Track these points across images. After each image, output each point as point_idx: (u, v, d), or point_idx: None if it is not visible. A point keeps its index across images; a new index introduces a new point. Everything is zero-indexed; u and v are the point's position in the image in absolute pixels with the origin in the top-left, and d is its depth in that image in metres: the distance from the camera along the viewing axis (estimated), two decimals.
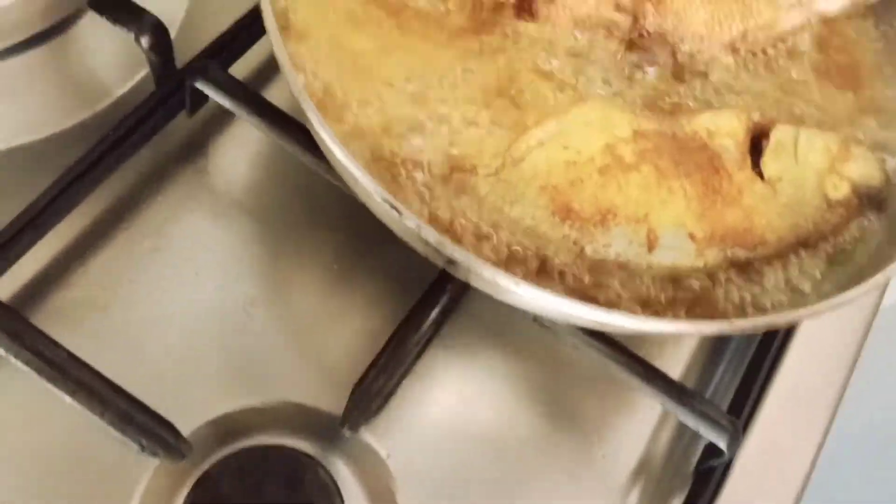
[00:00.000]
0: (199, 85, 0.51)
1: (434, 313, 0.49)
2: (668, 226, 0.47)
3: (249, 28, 0.56)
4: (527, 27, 0.53)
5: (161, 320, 0.50)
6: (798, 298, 0.48)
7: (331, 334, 0.52)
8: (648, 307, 0.44)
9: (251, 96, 0.51)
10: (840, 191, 0.51)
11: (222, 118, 0.57)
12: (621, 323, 0.40)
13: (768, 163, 0.51)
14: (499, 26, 0.52)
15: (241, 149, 0.58)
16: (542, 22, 0.54)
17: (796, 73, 0.58)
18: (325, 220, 0.56)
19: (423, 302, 0.49)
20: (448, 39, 0.50)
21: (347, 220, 0.55)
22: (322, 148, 0.44)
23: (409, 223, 0.39)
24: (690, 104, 0.55)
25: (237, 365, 0.50)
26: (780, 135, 0.52)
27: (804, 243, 0.50)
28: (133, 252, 0.52)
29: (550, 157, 0.48)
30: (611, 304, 0.44)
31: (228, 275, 0.52)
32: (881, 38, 0.61)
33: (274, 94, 0.56)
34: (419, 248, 0.44)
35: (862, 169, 0.52)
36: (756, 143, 0.53)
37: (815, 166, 0.51)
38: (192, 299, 0.51)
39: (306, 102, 0.40)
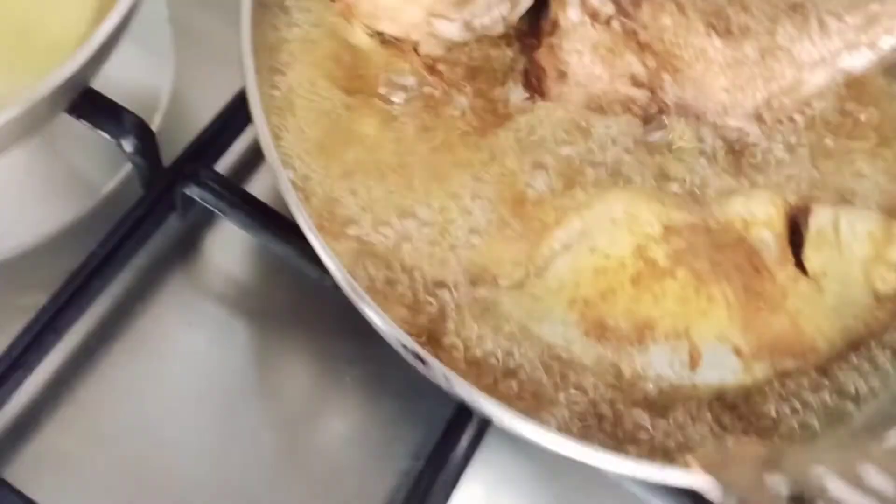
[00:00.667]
0: (191, 192, 0.46)
1: (462, 446, 0.44)
2: (711, 340, 0.43)
3: (234, 118, 0.51)
4: (536, 114, 0.49)
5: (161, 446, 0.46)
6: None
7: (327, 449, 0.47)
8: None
9: (246, 202, 0.47)
10: (889, 283, 0.47)
11: (214, 213, 0.52)
12: (677, 480, 0.35)
13: (810, 256, 0.46)
14: (506, 120, 0.48)
15: (235, 245, 0.53)
16: (553, 101, 0.50)
17: (828, 141, 0.54)
18: (328, 321, 0.52)
19: (449, 433, 0.45)
20: (454, 143, 0.46)
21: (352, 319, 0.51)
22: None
23: (435, 374, 0.35)
24: (721, 184, 0.51)
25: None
26: (819, 220, 0.48)
27: (855, 347, 0.46)
28: (123, 375, 0.49)
29: (577, 265, 0.44)
30: (661, 449, 0.39)
31: (228, 396, 0.47)
32: None
33: (262, 183, 0.52)
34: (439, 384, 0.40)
35: None
36: (795, 230, 0.48)
37: (859, 256, 0.47)
38: (191, 426, 0.47)
39: (311, 231, 0.36)
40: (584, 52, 0.49)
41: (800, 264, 0.47)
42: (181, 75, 0.58)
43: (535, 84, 0.49)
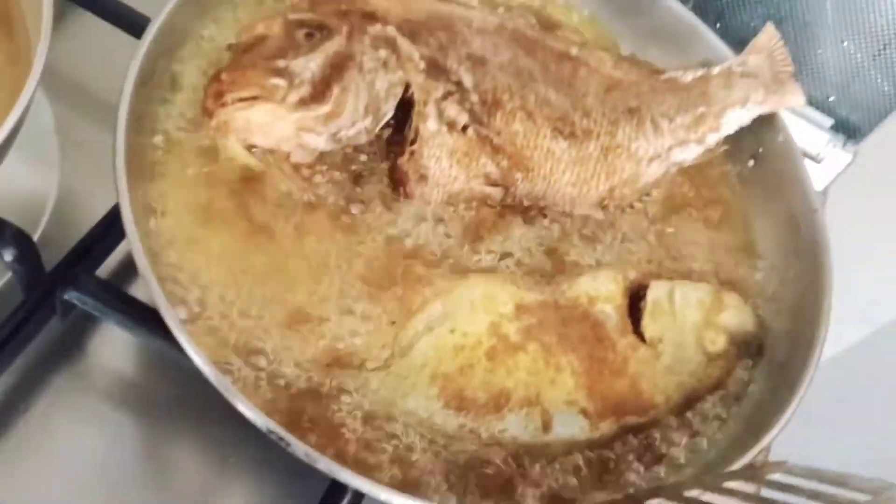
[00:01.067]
0: (70, 296, 0.49)
1: None
2: (560, 404, 0.48)
3: (115, 223, 0.54)
4: (400, 208, 0.54)
5: None
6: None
7: None
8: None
9: (125, 303, 0.49)
10: (718, 344, 0.53)
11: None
12: None
13: (648, 324, 0.52)
14: (374, 218, 0.52)
15: (119, 341, 0.55)
16: (415, 200, 0.55)
17: (663, 224, 0.61)
18: (211, 408, 0.54)
19: None
20: (324, 240, 0.50)
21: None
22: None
23: (298, 453, 0.38)
24: (569, 264, 0.56)
25: None
26: (655, 293, 0.54)
27: (692, 401, 0.51)
28: (10, 474, 0.49)
29: (439, 343, 0.48)
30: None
31: (117, 489, 0.49)
32: (737, 178, 0.65)
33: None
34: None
35: (736, 317, 0.55)
36: (635, 302, 0.54)
37: (691, 321, 0.54)
38: None
39: (179, 331, 0.39)
40: (442, 158, 0.54)
41: (638, 333, 0.53)
42: (67, 182, 0.60)
43: (398, 186, 0.54)
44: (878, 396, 0.94)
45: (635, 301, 0.55)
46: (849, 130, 0.80)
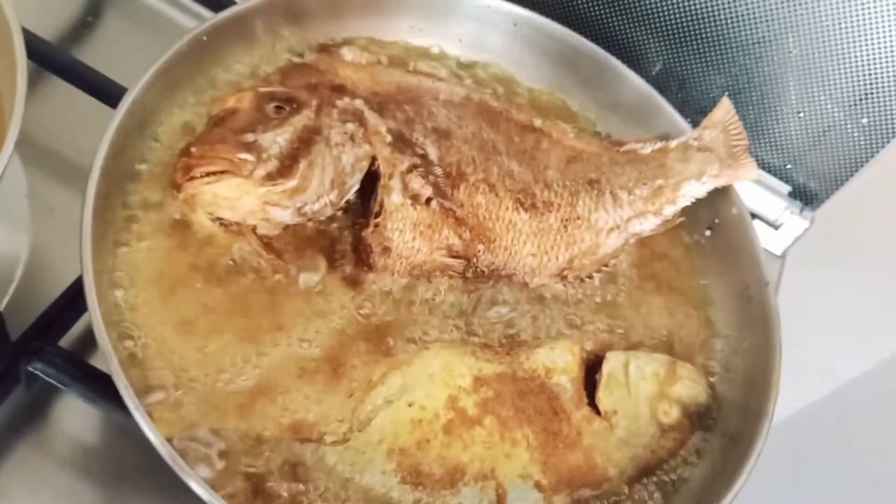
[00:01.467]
0: (34, 368, 0.49)
1: None
2: (515, 478, 0.49)
3: (80, 293, 0.55)
4: (364, 280, 0.55)
5: None
6: None
7: None
8: None
9: (88, 376, 0.50)
10: (671, 416, 0.55)
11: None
12: None
13: (602, 397, 0.54)
14: (338, 288, 0.54)
15: (82, 411, 0.56)
16: (379, 272, 0.56)
17: (621, 296, 0.63)
18: (174, 476, 0.54)
19: None
20: (286, 312, 0.51)
21: None
22: None
23: None
24: (527, 336, 0.58)
25: None
26: (611, 364, 0.55)
27: (645, 472, 0.52)
28: None
29: (396, 417, 0.49)
30: None
31: None
32: (694, 249, 0.67)
33: None
34: None
35: (689, 389, 0.56)
36: (591, 373, 0.56)
37: (646, 393, 0.55)
38: None
39: (138, 412, 0.40)
40: (405, 230, 0.56)
41: (593, 405, 0.54)
42: (37, 247, 0.61)
43: (363, 258, 0.56)
44: (839, 451, 0.95)
45: (592, 372, 0.56)
46: (806, 197, 0.83)
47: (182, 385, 0.48)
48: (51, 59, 0.64)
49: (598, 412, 0.54)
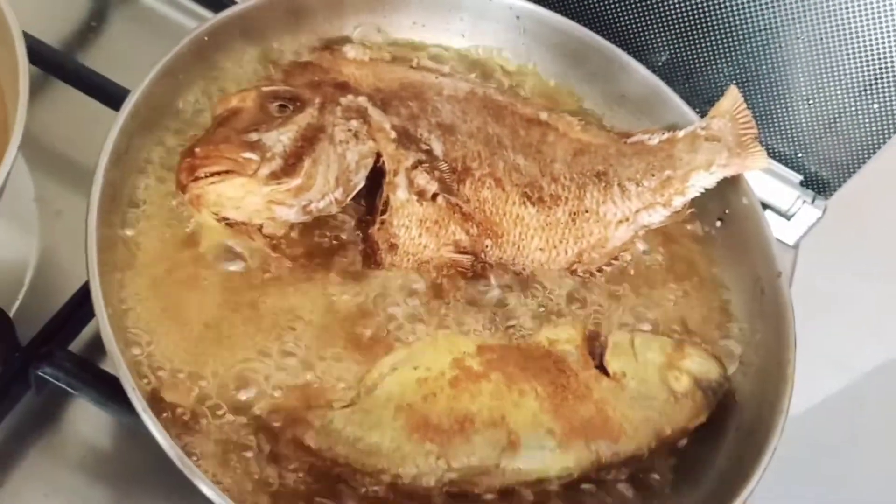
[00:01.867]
0: (44, 372, 0.49)
1: None
2: (526, 425, 0.49)
3: (89, 297, 0.55)
4: (370, 276, 0.55)
5: None
6: None
7: None
8: None
9: (98, 379, 0.50)
10: (682, 383, 0.54)
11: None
12: None
13: (611, 360, 0.53)
14: (344, 283, 0.53)
15: (93, 414, 0.56)
16: (386, 269, 0.56)
17: (629, 288, 0.62)
18: (184, 485, 0.54)
19: None
20: (287, 306, 0.51)
21: None
22: None
23: None
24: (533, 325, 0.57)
25: None
26: (616, 339, 0.55)
27: (665, 443, 0.52)
28: None
29: (402, 379, 0.49)
30: None
31: None
32: (706, 240, 0.66)
33: None
34: None
35: (699, 365, 0.56)
36: (594, 345, 0.55)
37: (654, 362, 0.54)
38: None
39: (147, 415, 0.40)
40: (411, 227, 0.56)
41: (601, 368, 0.53)
42: (45, 251, 0.61)
43: (370, 255, 0.56)
44: (856, 444, 0.94)
45: (594, 344, 0.55)
46: (818, 186, 0.82)
47: (191, 389, 0.47)
48: (55, 64, 0.64)
49: (606, 374, 0.53)
